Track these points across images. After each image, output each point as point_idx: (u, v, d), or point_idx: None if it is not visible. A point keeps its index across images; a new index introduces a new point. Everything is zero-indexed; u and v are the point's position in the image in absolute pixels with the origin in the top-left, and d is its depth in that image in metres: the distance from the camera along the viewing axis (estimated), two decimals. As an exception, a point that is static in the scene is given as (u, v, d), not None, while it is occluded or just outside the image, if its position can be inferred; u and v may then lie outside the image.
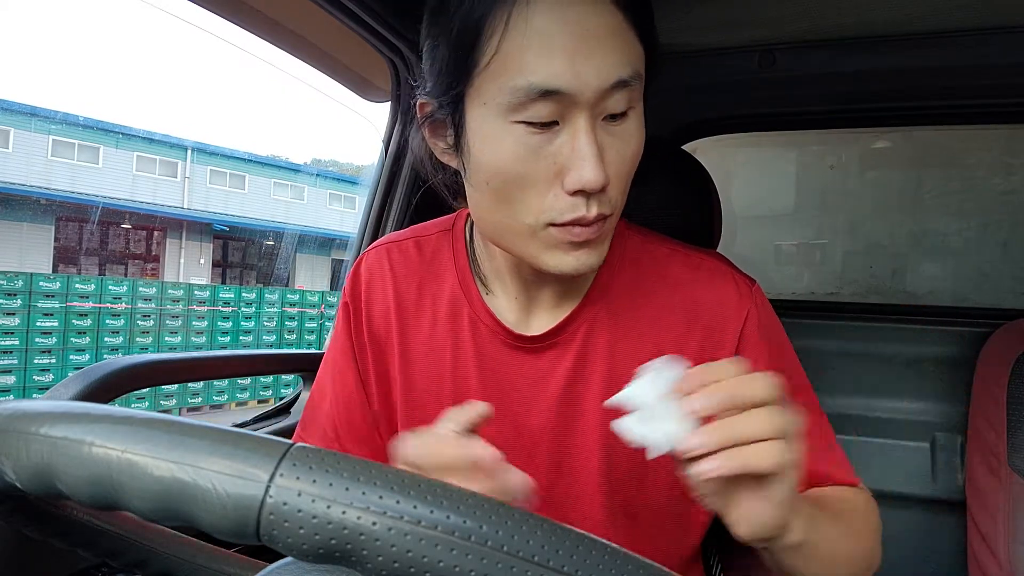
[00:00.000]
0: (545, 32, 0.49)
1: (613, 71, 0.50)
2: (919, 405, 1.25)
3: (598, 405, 0.62)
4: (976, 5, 0.96)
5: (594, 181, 0.50)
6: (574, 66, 0.49)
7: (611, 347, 0.62)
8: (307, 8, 0.88)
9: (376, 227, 1.16)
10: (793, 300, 1.57)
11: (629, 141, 0.54)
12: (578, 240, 0.53)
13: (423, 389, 0.66)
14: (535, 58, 0.49)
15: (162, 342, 7.55)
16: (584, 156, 0.50)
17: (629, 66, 0.51)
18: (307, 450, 0.26)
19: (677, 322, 0.62)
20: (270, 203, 16.71)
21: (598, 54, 0.49)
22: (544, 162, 0.51)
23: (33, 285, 6.47)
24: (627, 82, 0.50)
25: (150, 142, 14.83)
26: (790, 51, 1.14)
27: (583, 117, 0.50)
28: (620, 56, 0.50)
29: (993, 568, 1.03)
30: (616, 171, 0.53)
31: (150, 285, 7.75)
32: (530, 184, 0.52)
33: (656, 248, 0.66)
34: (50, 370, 6.55)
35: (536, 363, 0.63)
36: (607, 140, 0.52)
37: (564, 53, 0.49)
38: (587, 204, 0.52)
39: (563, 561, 0.24)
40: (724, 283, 0.64)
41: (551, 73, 0.49)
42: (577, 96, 0.49)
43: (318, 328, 9.00)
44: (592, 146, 0.50)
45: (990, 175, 1.61)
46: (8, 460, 0.28)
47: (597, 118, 0.51)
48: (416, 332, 0.67)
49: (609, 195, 0.53)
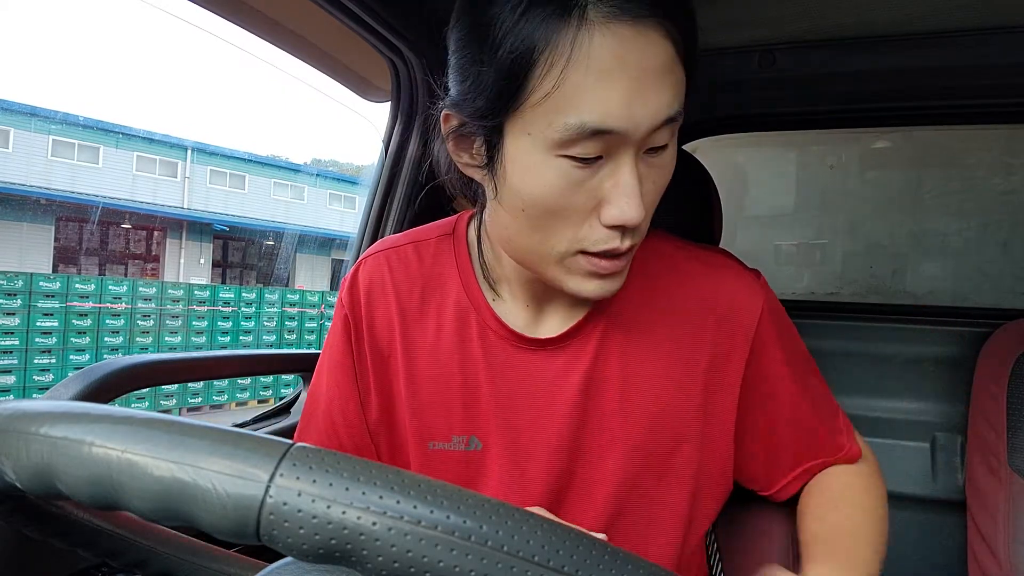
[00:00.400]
0: (605, 70, 0.47)
1: (664, 110, 0.49)
2: (919, 405, 1.25)
3: (614, 405, 0.62)
4: (976, 5, 0.96)
5: (635, 218, 0.50)
6: (629, 107, 0.48)
7: (625, 346, 0.62)
8: (307, 8, 0.88)
9: (376, 227, 1.16)
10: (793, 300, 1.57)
11: (665, 170, 0.54)
12: (604, 273, 0.54)
13: (431, 396, 0.65)
14: (592, 97, 0.47)
15: (162, 342, 7.55)
16: (627, 193, 0.50)
17: (677, 102, 0.50)
18: (307, 450, 0.26)
19: (691, 316, 0.63)
20: (270, 203, 16.71)
21: (652, 94, 0.48)
22: (584, 195, 0.51)
23: (33, 285, 6.47)
24: (674, 119, 0.51)
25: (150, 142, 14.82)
26: (790, 51, 1.14)
27: (629, 154, 0.50)
28: (671, 94, 0.50)
29: (993, 568, 1.03)
30: (650, 202, 0.54)
31: (150, 285, 7.75)
32: (568, 215, 0.52)
33: (664, 245, 0.67)
34: (50, 370, 6.55)
35: (549, 366, 0.63)
36: (645, 172, 0.52)
37: (621, 94, 0.47)
38: (622, 237, 0.53)
39: (563, 561, 0.24)
40: (734, 276, 0.65)
41: (606, 113, 0.47)
42: (628, 136, 0.49)
43: (318, 328, 9.00)
44: (635, 184, 0.50)
45: (990, 175, 1.61)
46: (8, 460, 0.28)
47: (640, 152, 0.51)
48: (421, 339, 0.66)
49: (642, 226, 0.54)
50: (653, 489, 0.62)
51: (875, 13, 1.01)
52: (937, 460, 1.21)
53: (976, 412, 1.13)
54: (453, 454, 0.64)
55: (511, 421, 0.63)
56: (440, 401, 0.65)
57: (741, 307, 0.63)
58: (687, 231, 0.93)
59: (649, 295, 0.64)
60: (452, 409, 0.64)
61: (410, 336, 0.66)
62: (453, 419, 0.64)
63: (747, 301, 0.63)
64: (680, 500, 0.63)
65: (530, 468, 0.63)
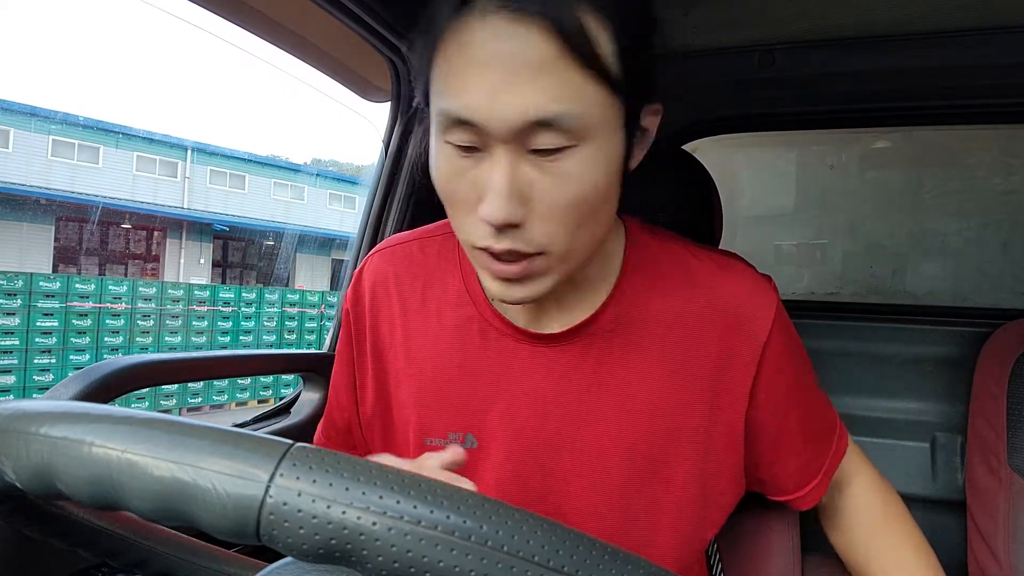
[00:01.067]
0: (479, 61, 0.47)
1: (532, 110, 0.46)
2: (919, 405, 1.25)
3: (615, 406, 0.61)
4: (976, 5, 0.96)
5: (492, 217, 0.48)
6: (491, 101, 0.46)
7: (629, 346, 0.62)
8: (307, 8, 0.88)
9: (376, 227, 1.16)
10: (793, 300, 1.57)
11: (566, 182, 0.49)
12: (500, 276, 0.52)
13: (429, 392, 0.65)
14: (460, 86, 0.48)
15: (162, 342, 7.55)
16: (492, 189, 0.48)
17: (556, 103, 0.46)
18: (307, 450, 0.26)
19: (698, 321, 0.62)
20: (270, 203, 16.71)
21: (520, 91, 0.46)
22: (467, 184, 0.50)
23: (33, 285, 6.47)
24: (550, 123, 0.46)
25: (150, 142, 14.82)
26: (790, 51, 1.14)
27: (501, 150, 0.48)
28: (547, 94, 0.46)
29: (993, 568, 1.03)
30: (546, 211, 0.49)
31: (150, 285, 7.75)
32: (458, 203, 0.52)
33: (675, 248, 0.66)
34: (50, 370, 6.55)
35: (549, 364, 0.62)
36: (534, 176, 0.49)
37: (486, 87, 0.46)
38: (496, 237, 0.50)
39: (563, 561, 0.24)
40: (745, 282, 0.63)
41: (466, 105, 0.47)
42: (491, 131, 0.47)
43: (318, 328, 9.00)
44: (503, 181, 0.48)
45: (990, 175, 1.61)
46: (8, 460, 0.28)
47: (522, 151, 0.48)
48: (422, 335, 0.67)
49: (533, 233, 0.50)
50: (654, 493, 0.61)
51: (875, 13, 1.01)
52: (937, 460, 1.21)
53: (976, 412, 1.13)
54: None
55: (510, 419, 0.63)
56: (438, 397, 0.65)
57: (751, 315, 0.62)
58: (687, 231, 0.93)
59: (657, 296, 0.62)
60: (449, 406, 0.64)
61: (411, 332, 0.67)
62: (449, 416, 0.64)
63: (757, 310, 0.62)
64: (682, 505, 0.62)
65: (528, 467, 0.62)
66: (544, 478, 0.62)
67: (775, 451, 0.65)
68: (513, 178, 0.48)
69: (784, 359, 0.63)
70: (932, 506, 1.21)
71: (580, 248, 0.54)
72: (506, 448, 0.63)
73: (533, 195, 0.49)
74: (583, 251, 0.54)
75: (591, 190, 0.50)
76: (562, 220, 0.50)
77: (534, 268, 0.52)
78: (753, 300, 0.62)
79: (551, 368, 0.62)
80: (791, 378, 0.64)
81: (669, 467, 0.61)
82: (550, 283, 0.54)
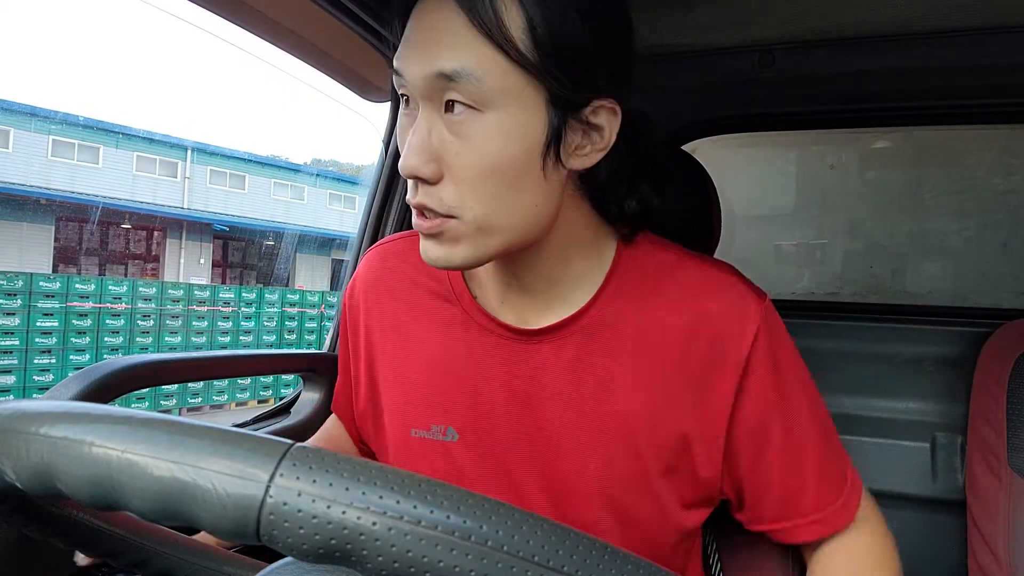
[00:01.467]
0: (413, 24, 0.53)
1: (436, 62, 0.51)
2: (919, 405, 1.25)
3: (594, 405, 0.61)
4: (976, 5, 0.96)
5: (401, 167, 0.52)
6: (410, 52, 0.52)
7: (611, 348, 0.61)
8: (307, 8, 0.88)
9: (376, 227, 1.16)
10: (793, 300, 1.57)
11: (472, 146, 0.52)
12: (420, 230, 0.55)
13: (412, 385, 0.67)
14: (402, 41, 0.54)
15: (162, 342, 7.55)
16: (407, 141, 0.53)
17: (457, 60, 0.50)
18: (307, 450, 0.26)
19: (682, 330, 0.61)
20: (270, 203, 16.71)
21: (425, 46, 0.52)
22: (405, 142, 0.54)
23: (33, 285, 6.47)
24: (451, 76, 0.50)
25: (150, 142, 14.83)
26: (790, 51, 1.14)
27: (421, 107, 0.53)
28: (449, 50, 0.50)
29: (993, 568, 1.03)
30: (459, 171, 0.52)
31: (150, 285, 7.75)
32: None
33: (665, 255, 0.65)
34: (50, 370, 6.55)
35: (530, 359, 0.62)
36: (445, 136, 0.52)
37: (411, 41, 0.53)
38: (413, 191, 0.54)
39: (563, 561, 0.24)
40: (732, 295, 0.62)
41: (398, 55, 0.54)
42: (408, 81, 0.53)
43: (318, 328, 9.00)
44: (416, 133, 0.52)
45: (990, 175, 1.61)
46: (8, 460, 0.28)
47: (436, 110, 0.52)
48: (408, 330, 0.68)
49: (444, 193, 0.53)
50: (631, 493, 0.61)
51: (875, 13, 1.01)
52: (937, 460, 1.21)
53: (976, 412, 1.13)
54: (433, 443, 0.65)
55: (488, 413, 0.63)
56: (422, 390, 0.66)
57: (732, 331, 0.60)
58: (687, 231, 0.93)
59: (640, 304, 0.62)
60: (432, 399, 0.65)
61: (398, 327, 0.69)
62: (432, 408, 0.65)
63: (739, 327, 0.60)
64: (660, 506, 0.62)
65: (508, 461, 0.63)
66: (526, 473, 0.63)
67: (752, 475, 0.63)
68: (426, 134, 0.52)
69: (766, 381, 0.61)
70: (932, 506, 1.21)
71: (501, 223, 0.54)
72: (484, 442, 0.63)
73: (445, 156, 0.52)
74: (507, 227, 0.54)
75: (499, 160, 0.52)
76: (471, 187, 0.53)
77: (447, 230, 0.54)
78: (737, 315, 0.61)
79: (530, 364, 0.62)
80: (774, 402, 0.61)
81: (641, 470, 0.61)
82: (470, 251, 0.55)
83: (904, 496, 1.22)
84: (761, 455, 0.62)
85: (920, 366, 1.26)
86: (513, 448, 0.63)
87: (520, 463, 0.63)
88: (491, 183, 0.52)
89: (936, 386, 1.24)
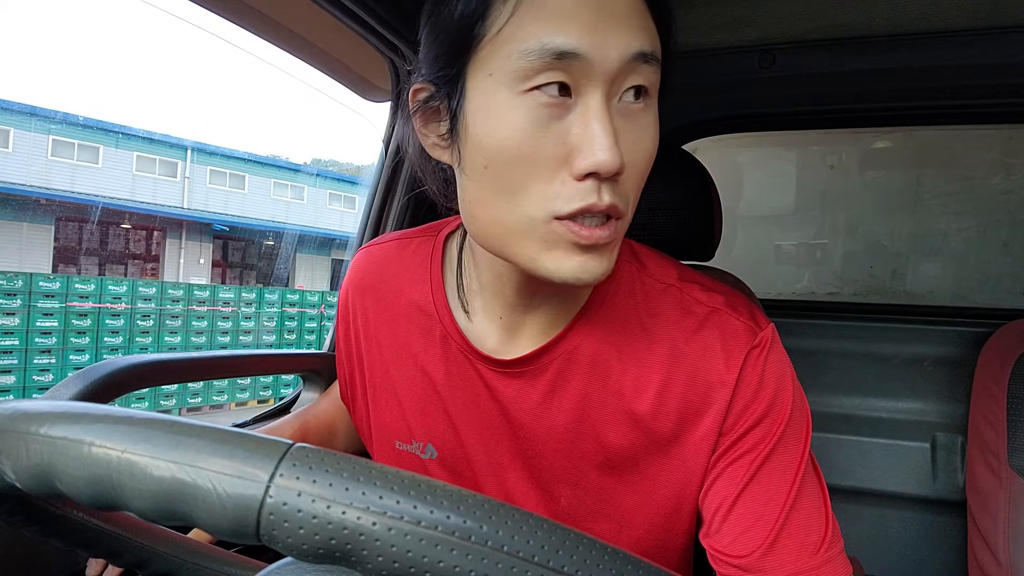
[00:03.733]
0: (561, 5, 0.45)
1: (635, 42, 0.46)
2: (919, 405, 1.25)
3: (569, 434, 0.58)
4: (976, 5, 0.96)
5: (608, 162, 0.44)
6: (594, 34, 0.45)
7: (589, 377, 0.58)
8: (307, 8, 0.88)
9: (376, 227, 1.16)
10: (793, 300, 1.57)
11: (646, 132, 0.49)
12: (585, 243, 0.47)
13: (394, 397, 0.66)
14: (551, 24, 0.45)
15: (162, 342, 7.54)
16: (597, 134, 0.45)
17: (650, 42, 0.47)
18: (307, 450, 0.26)
19: (659, 367, 0.57)
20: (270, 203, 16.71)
21: (618, 26, 0.46)
22: (552, 140, 0.46)
23: (33, 285, 6.47)
24: (648, 56, 0.47)
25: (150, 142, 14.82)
26: (790, 51, 1.14)
27: (599, 92, 0.46)
28: (640, 32, 0.47)
29: (993, 568, 1.02)
30: (631, 162, 0.48)
31: (150, 285, 7.75)
32: (535, 166, 0.47)
33: (651, 281, 0.60)
34: (50, 370, 6.55)
35: (507, 385, 0.59)
36: (622, 125, 0.47)
37: (582, 22, 0.45)
38: (599, 192, 0.46)
39: (563, 561, 0.24)
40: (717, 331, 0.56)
41: (569, 37, 0.45)
42: (596, 64, 0.45)
43: (318, 328, 9.00)
44: (607, 123, 0.45)
45: (990, 175, 1.61)
46: (8, 460, 0.28)
47: (613, 97, 0.47)
48: (391, 338, 0.66)
49: (623, 188, 0.48)
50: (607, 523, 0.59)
51: (875, 13, 1.01)
52: (937, 460, 1.21)
53: (976, 412, 1.13)
54: (413, 457, 0.65)
55: (462, 435, 0.62)
56: (402, 404, 0.65)
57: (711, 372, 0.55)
58: (687, 231, 0.93)
59: (619, 337, 0.58)
60: (412, 413, 0.64)
61: (382, 334, 0.67)
62: (412, 422, 0.64)
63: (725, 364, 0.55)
64: (638, 536, 0.60)
65: (484, 486, 0.62)
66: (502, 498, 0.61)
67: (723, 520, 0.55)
68: (613, 124, 0.46)
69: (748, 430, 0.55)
70: (932, 506, 1.21)
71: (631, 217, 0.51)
72: (459, 464, 0.63)
73: (621, 144, 0.46)
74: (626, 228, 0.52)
75: (654, 148, 0.50)
76: (639, 176, 0.49)
77: (616, 232, 0.49)
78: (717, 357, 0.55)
79: (506, 390, 0.59)
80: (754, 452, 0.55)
81: (619, 501, 0.59)
82: (615, 260, 0.51)
83: (904, 496, 1.22)
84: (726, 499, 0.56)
85: (920, 366, 1.26)
86: (485, 472, 0.62)
87: (497, 489, 0.62)
88: (643, 178, 0.50)
89: (936, 386, 1.24)
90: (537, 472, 0.60)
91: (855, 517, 1.25)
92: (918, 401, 1.25)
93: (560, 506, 0.60)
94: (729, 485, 0.55)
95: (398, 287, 0.66)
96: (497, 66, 0.47)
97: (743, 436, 0.55)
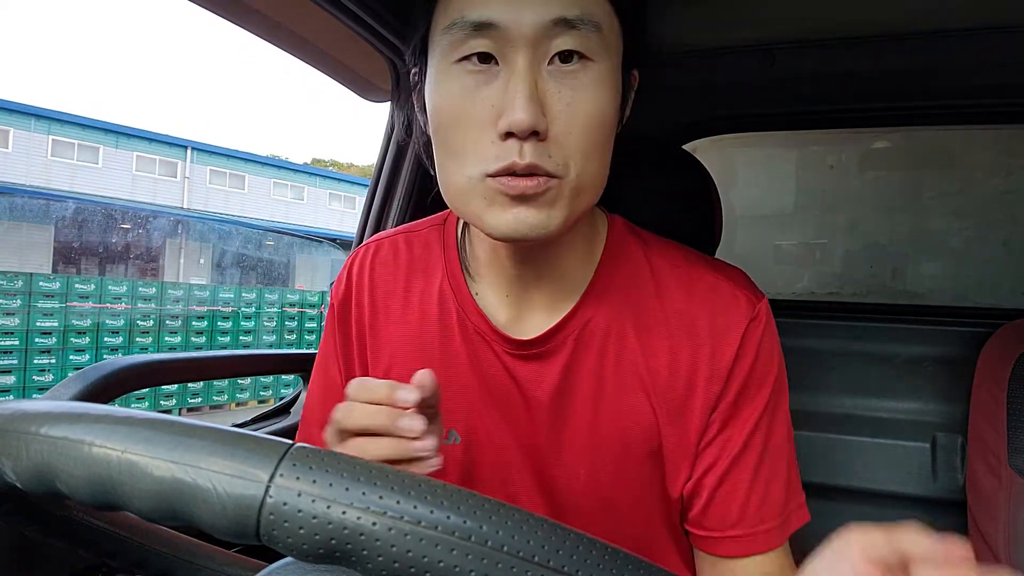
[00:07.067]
0: None
1: (555, 9, 0.47)
2: (919, 405, 1.25)
3: (586, 411, 0.60)
4: (976, 5, 0.96)
5: (521, 120, 0.47)
6: (509, 4, 0.48)
7: (602, 353, 0.60)
8: (307, 8, 0.88)
9: (376, 226, 1.16)
10: (793, 300, 1.57)
11: (585, 91, 0.49)
12: (512, 193, 0.49)
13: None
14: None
15: (162, 342, 7.54)
16: (514, 94, 0.47)
17: (578, 6, 0.48)
18: (307, 450, 0.26)
19: (670, 340, 0.59)
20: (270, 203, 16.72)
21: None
22: (481, 104, 0.49)
23: (33, 285, 6.47)
24: (572, 22, 0.48)
25: (150, 142, 14.83)
26: (790, 51, 1.14)
27: (521, 55, 0.48)
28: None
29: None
30: (565, 126, 0.49)
31: (150, 285, 7.75)
32: (468, 128, 0.50)
33: (658, 259, 0.63)
34: (50, 370, 6.54)
35: (523, 368, 0.61)
36: (553, 87, 0.49)
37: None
38: (520, 151, 0.48)
39: (563, 561, 0.24)
40: (728, 302, 0.60)
41: (487, 8, 0.48)
42: (512, 31, 0.48)
43: (318, 328, 8.99)
44: (525, 84, 0.47)
45: (990, 175, 1.61)
46: (8, 460, 0.28)
47: (541, 61, 0.49)
48: (404, 328, 0.66)
49: (552, 150, 0.49)
50: (624, 500, 0.61)
51: (875, 13, 1.01)
52: (937, 460, 1.21)
53: (976, 412, 1.13)
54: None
55: (485, 417, 0.62)
56: None
57: (722, 338, 0.59)
58: (687, 231, 0.93)
59: (629, 312, 0.61)
60: None
61: (393, 324, 0.67)
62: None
63: (729, 333, 0.58)
64: (652, 514, 0.61)
65: (508, 466, 0.62)
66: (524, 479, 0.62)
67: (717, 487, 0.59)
68: (533, 85, 0.48)
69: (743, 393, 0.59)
70: (932, 506, 1.21)
71: (593, 184, 0.53)
72: (483, 447, 0.63)
73: (550, 108, 0.49)
74: (592, 189, 0.53)
75: (603, 114, 0.51)
76: (576, 142, 0.50)
77: (550, 188, 0.50)
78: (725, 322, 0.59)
79: (523, 372, 0.61)
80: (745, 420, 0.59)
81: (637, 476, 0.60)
82: (565, 215, 0.51)
83: (904, 496, 1.22)
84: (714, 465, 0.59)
85: (920, 366, 1.26)
86: (512, 452, 0.62)
87: (520, 470, 0.62)
88: (593, 139, 0.51)
89: (936, 386, 1.24)
90: (558, 449, 0.61)
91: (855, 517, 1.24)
92: (918, 401, 1.25)
93: (581, 481, 0.61)
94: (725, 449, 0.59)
95: (408, 280, 0.67)
96: (437, 40, 0.52)
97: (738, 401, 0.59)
